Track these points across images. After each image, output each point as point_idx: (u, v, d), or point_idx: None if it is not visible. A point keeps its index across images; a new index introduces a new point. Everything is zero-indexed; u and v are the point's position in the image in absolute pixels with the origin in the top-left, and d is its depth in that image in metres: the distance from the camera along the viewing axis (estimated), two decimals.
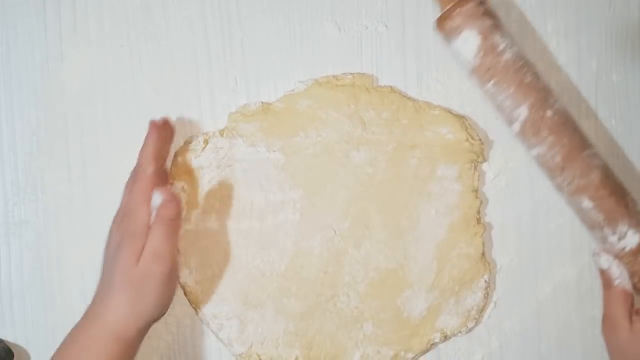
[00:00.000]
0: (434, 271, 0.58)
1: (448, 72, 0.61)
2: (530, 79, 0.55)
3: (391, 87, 0.59)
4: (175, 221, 0.52)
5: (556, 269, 0.62)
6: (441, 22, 0.55)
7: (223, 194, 0.58)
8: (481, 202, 0.59)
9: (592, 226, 0.57)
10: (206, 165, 0.58)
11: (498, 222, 0.62)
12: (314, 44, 0.61)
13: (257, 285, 0.58)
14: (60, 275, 0.60)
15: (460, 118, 0.59)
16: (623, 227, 0.55)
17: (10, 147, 0.60)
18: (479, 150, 0.58)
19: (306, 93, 0.58)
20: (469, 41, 0.54)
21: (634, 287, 0.58)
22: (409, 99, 0.59)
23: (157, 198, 0.52)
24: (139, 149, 0.60)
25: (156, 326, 0.59)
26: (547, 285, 0.62)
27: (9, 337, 0.59)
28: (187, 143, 0.59)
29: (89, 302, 0.59)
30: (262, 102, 0.59)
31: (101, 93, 0.60)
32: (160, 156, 0.55)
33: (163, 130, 0.56)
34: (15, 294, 0.60)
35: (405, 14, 0.61)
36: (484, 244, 0.59)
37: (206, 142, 0.58)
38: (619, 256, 0.57)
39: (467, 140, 0.58)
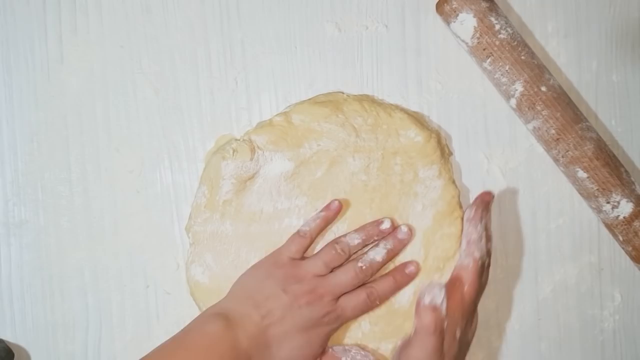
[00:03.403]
0: (421, 258, 0.59)
1: (448, 72, 0.61)
2: (525, 57, 0.57)
3: (363, 94, 0.60)
4: None
5: (556, 268, 0.62)
6: (440, 5, 0.58)
7: (237, 203, 0.58)
8: (459, 190, 0.59)
9: (587, 196, 0.59)
10: (227, 177, 0.58)
11: (498, 222, 0.62)
12: (314, 44, 0.61)
13: None
14: (60, 275, 0.60)
15: (417, 116, 0.59)
16: (616, 197, 0.57)
17: (10, 147, 0.60)
18: (443, 143, 0.59)
19: (293, 110, 0.58)
20: (466, 23, 0.57)
21: (628, 254, 0.59)
22: (380, 103, 0.59)
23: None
24: (139, 148, 0.60)
25: (156, 327, 0.60)
26: (547, 285, 0.62)
27: (9, 337, 0.59)
28: (221, 149, 0.58)
29: (89, 302, 0.60)
30: (260, 121, 0.59)
31: (101, 93, 0.60)
32: None
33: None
34: (15, 294, 0.60)
35: (405, 14, 0.61)
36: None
37: (235, 150, 0.58)
38: (613, 225, 0.58)
39: (431, 137, 0.58)
